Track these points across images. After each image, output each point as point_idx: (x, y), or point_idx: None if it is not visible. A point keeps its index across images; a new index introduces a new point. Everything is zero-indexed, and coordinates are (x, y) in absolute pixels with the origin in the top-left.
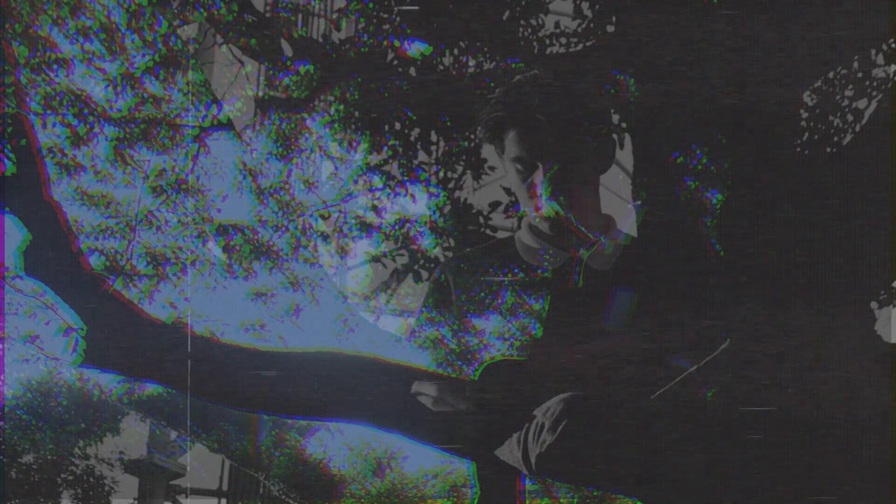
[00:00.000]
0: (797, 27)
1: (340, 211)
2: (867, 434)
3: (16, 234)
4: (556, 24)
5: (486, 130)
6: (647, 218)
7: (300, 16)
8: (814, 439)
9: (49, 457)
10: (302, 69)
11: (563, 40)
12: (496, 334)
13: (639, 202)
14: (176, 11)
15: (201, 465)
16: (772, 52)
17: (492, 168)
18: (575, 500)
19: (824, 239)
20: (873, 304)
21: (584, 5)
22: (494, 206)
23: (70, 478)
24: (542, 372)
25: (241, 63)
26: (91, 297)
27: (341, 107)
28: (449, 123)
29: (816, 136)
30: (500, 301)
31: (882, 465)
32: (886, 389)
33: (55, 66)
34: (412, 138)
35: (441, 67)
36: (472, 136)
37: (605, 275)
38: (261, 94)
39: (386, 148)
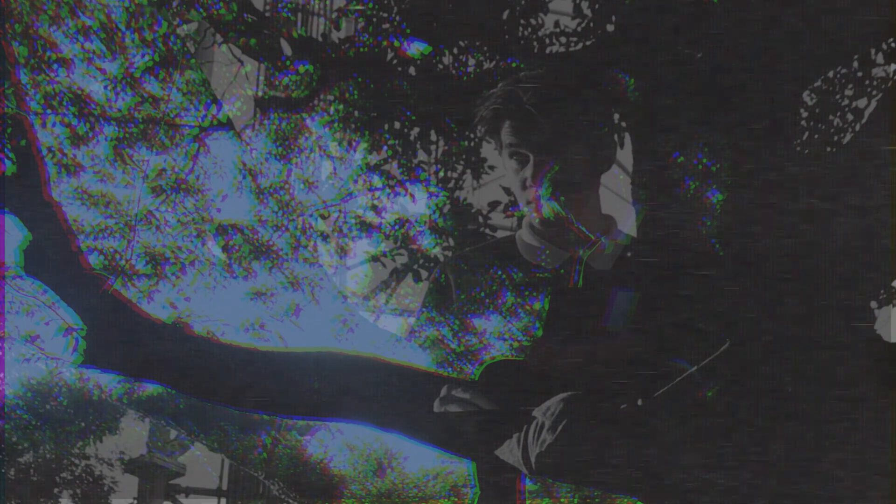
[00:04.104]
0: (797, 27)
1: (340, 211)
2: (867, 434)
3: (16, 234)
4: (556, 24)
5: (485, 123)
6: (647, 218)
7: (300, 15)
8: (813, 439)
9: (49, 456)
10: (301, 69)
11: (563, 39)
12: (496, 334)
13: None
14: (175, 11)
15: (199, 464)
16: (772, 51)
17: (492, 167)
18: (575, 500)
19: (824, 239)
20: (873, 304)
21: (584, 5)
22: (494, 205)
23: (69, 478)
24: (542, 372)
25: (241, 63)
26: (91, 297)
27: (341, 106)
28: (454, 126)
29: (816, 136)
30: (500, 301)
31: (882, 465)
32: (886, 389)
33: (55, 66)
34: (412, 138)
35: (441, 67)
36: (472, 136)
37: (605, 275)
38: (260, 93)
39: (385, 148)
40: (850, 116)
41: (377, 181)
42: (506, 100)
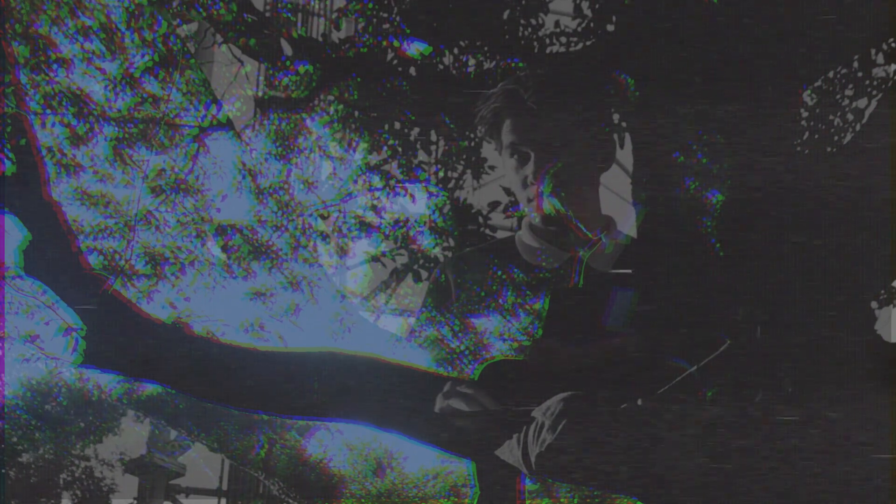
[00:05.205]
0: (797, 26)
1: (340, 211)
2: (867, 434)
3: (16, 234)
4: (556, 24)
5: (486, 123)
6: (647, 218)
7: (300, 15)
8: (813, 439)
9: (48, 456)
10: (301, 69)
11: (563, 39)
12: (496, 334)
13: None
14: (175, 11)
15: (199, 464)
16: (772, 50)
17: (492, 167)
18: (575, 500)
19: (824, 239)
20: (873, 304)
21: (584, 5)
22: (494, 206)
23: (69, 478)
24: (542, 372)
25: (241, 63)
26: (91, 297)
27: (341, 107)
28: (452, 126)
29: (816, 136)
30: (500, 301)
31: (882, 465)
32: (886, 389)
33: (55, 66)
34: (412, 138)
35: (441, 67)
36: (472, 136)
37: (605, 275)
38: (260, 93)
39: (385, 148)
40: (850, 116)
41: (377, 181)
42: (506, 99)
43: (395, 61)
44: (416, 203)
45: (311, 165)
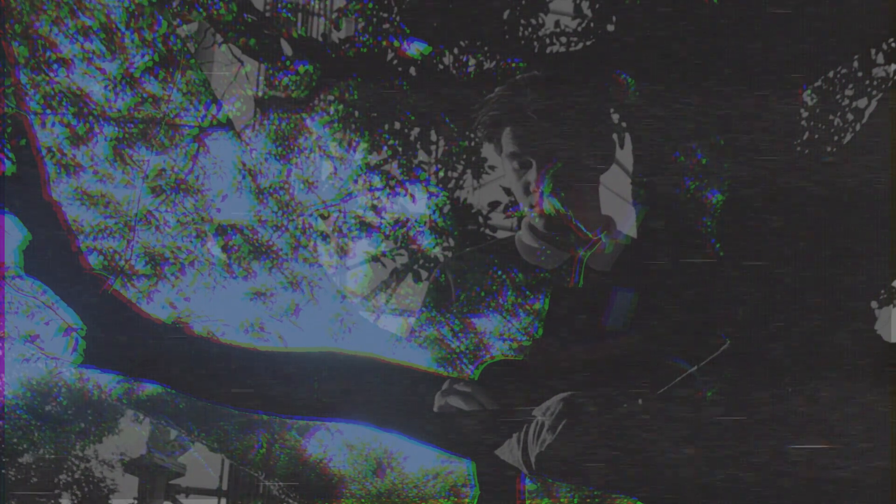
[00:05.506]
0: (798, 26)
1: (340, 211)
2: (867, 434)
3: (16, 234)
4: (557, 24)
5: (485, 129)
6: (647, 218)
7: (300, 15)
8: (813, 438)
9: (48, 457)
10: (301, 69)
11: (563, 39)
12: (496, 334)
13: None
14: (175, 11)
15: (199, 464)
16: (772, 50)
17: (492, 167)
18: (575, 500)
19: (824, 238)
20: (873, 304)
21: (584, 5)
22: (494, 205)
23: (68, 479)
24: (542, 372)
25: (241, 63)
26: (91, 297)
27: (341, 107)
28: (453, 127)
29: (816, 136)
30: (500, 301)
31: (882, 464)
32: (886, 389)
33: (55, 66)
34: (412, 138)
35: (441, 67)
36: (472, 136)
37: (605, 275)
38: (260, 93)
39: (385, 148)
40: (850, 116)
41: (377, 181)
42: (505, 106)
43: (395, 61)
44: (416, 203)
45: (311, 165)
